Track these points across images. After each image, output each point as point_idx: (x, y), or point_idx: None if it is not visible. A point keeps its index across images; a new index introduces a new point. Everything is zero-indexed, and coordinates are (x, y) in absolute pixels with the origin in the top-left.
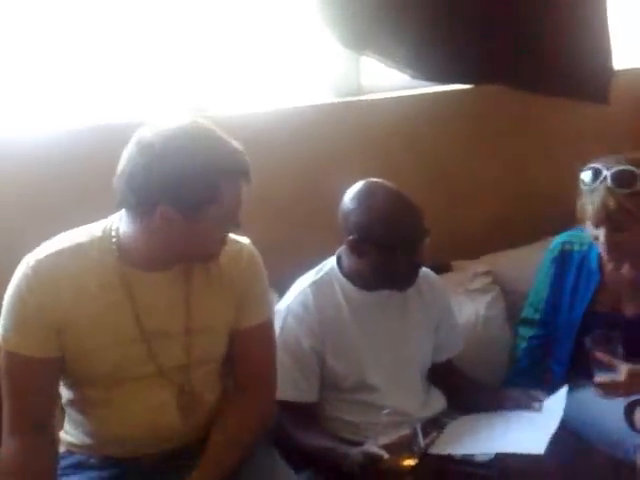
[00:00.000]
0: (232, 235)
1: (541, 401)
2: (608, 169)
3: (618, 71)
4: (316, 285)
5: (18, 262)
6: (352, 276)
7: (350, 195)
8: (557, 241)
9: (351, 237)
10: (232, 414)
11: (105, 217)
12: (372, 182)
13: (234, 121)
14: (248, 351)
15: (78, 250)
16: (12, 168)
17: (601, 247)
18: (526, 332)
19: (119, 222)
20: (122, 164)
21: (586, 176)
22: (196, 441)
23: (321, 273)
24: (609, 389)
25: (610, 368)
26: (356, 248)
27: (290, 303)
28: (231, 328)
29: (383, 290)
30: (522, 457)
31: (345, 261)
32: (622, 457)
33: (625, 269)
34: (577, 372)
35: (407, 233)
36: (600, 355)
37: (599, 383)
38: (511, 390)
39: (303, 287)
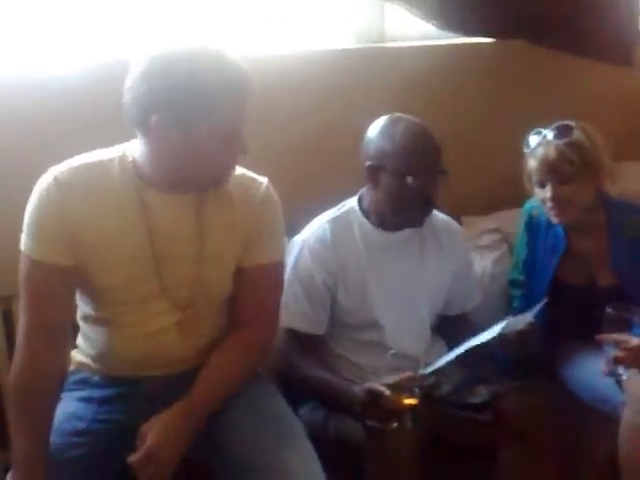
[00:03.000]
0: (251, 173)
1: None
2: (548, 128)
3: None
4: (335, 222)
5: (28, 185)
6: (371, 214)
7: (374, 125)
8: (527, 206)
9: (368, 163)
10: (231, 343)
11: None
12: (396, 114)
13: (256, 63)
14: (252, 289)
15: (100, 166)
16: (24, 100)
17: (548, 209)
18: (516, 292)
19: (135, 145)
20: (128, 79)
21: (530, 139)
22: (196, 369)
23: (341, 211)
24: (620, 354)
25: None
26: (372, 176)
27: (307, 237)
28: (238, 263)
29: (399, 230)
30: (483, 347)
31: (365, 199)
32: (610, 412)
33: (590, 237)
34: (562, 337)
35: (420, 162)
36: (612, 336)
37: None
38: None
39: (322, 223)
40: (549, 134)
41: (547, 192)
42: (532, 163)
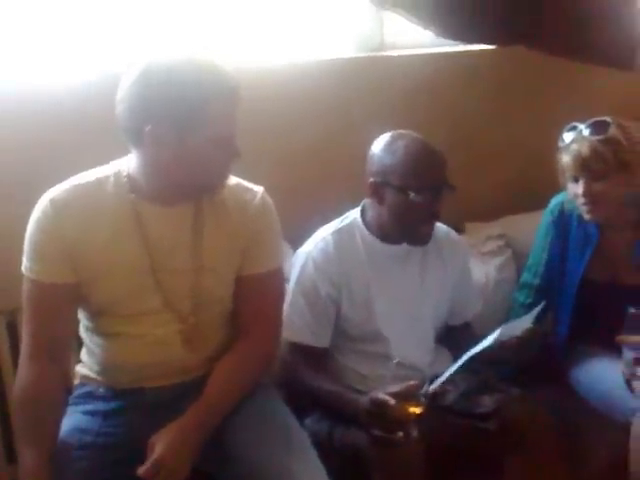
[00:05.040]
0: (246, 183)
1: None
2: (584, 123)
3: None
4: (338, 234)
5: (35, 198)
6: (374, 227)
7: (377, 141)
8: (556, 201)
9: (371, 180)
10: (234, 353)
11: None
12: (400, 131)
13: (256, 73)
14: (252, 297)
15: (95, 184)
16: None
17: (580, 204)
18: (524, 299)
19: (130, 159)
20: (120, 90)
21: (565, 135)
22: (199, 379)
23: (344, 222)
24: None
25: None
26: (375, 192)
27: (311, 249)
28: (237, 272)
29: (402, 244)
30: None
31: (368, 212)
32: (620, 419)
33: (621, 235)
34: (579, 338)
35: (423, 177)
36: (632, 338)
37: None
38: None
39: (325, 235)
40: (584, 130)
41: (579, 188)
42: (566, 158)
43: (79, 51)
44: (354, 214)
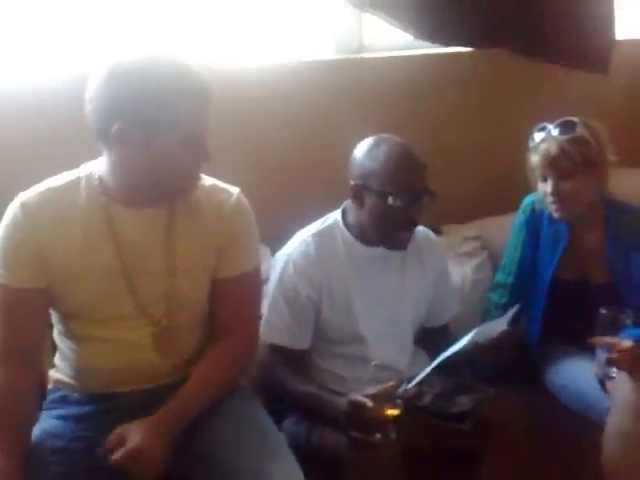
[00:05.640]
0: (222, 184)
1: None
2: (552, 123)
3: (619, 41)
4: (319, 236)
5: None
6: (354, 229)
7: (360, 145)
8: (528, 200)
9: (353, 183)
10: (210, 355)
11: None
12: (383, 135)
13: (234, 75)
14: (229, 299)
15: (66, 187)
16: (12, 113)
17: (549, 203)
18: (498, 298)
19: (101, 162)
20: (88, 89)
21: (535, 135)
22: (174, 383)
23: (325, 224)
24: (614, 355)
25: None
26: (356, 195)
27: (292, 252)
28: (212, 274)
29: (381, 246)
30: (459, 355)
31: (349, 214)
32: (594, 418)
33: (591, 234)
34: (552, 338)
35: (403, 182)
36: (605, 339)
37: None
38: None
39: (306, 237)
40: (553, 130)
41: (548, 187)
42: (535, 158)
43: (47, 51)
44: (335, 215)
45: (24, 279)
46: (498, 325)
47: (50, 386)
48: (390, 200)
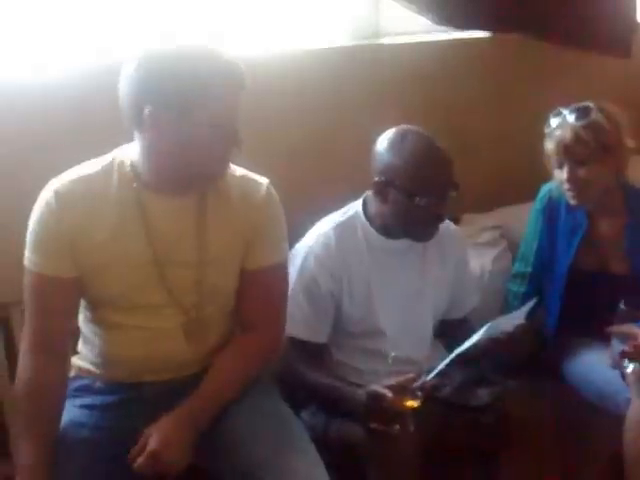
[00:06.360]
0: (252, 174)
1: None
2: (568, 109)
3: None
4: (340, 228)
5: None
6: (375, 222)
7: (383, 138)
8: (545, 189)
9: (376, 179)
10: (236, 347)
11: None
12: (406, 127)
13: (248, 63)
14: (255, 292)
15: (99, 174)
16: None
17: (565, 190)
18: (517, 288)
19: (133, 147)
20: (121, 78)
21: (552, 120)
22: (197, 374)
23: (345, 216)
24: (628, 349)
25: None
26: (380, 191)
27: (312, 244)
28: (241, 265)
29: (403, 239)
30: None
31: (370, 206)
32: (614, 410)
33: (610, 222)
34: (570, 329)
35: (431, 180)
36: (622, 328)
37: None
38: None
39: (327, 229)
40: (568, 115)
41: (564, 173)
42: (550, 144)
43: (78, 42)
44: (355, 206)
45: (57, 268)
46: (514, 319)
47: (72, 373)
48: (416, 200)
